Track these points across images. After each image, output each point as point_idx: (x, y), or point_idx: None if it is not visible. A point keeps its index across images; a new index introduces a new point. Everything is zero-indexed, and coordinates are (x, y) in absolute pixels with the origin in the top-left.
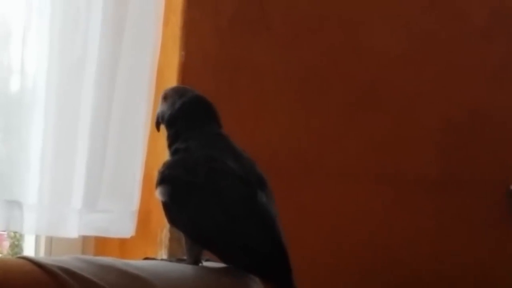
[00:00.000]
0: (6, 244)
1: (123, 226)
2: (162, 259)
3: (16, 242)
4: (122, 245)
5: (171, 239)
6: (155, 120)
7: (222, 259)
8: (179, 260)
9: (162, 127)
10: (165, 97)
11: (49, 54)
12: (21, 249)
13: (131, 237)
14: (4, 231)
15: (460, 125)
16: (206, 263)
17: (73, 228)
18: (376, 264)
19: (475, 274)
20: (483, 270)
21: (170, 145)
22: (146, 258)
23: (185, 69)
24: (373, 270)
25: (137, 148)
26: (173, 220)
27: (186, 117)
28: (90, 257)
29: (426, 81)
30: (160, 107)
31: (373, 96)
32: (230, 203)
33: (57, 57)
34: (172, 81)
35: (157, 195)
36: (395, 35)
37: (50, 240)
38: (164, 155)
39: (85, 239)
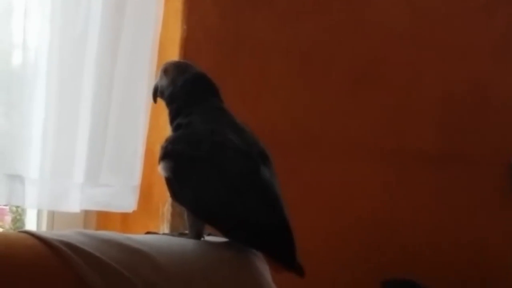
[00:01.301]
0: (8, 218)
1: (125, 201)
2: (164, 234)
3: (18, 217)
4: (124, 220)
5: (173, 214)
6: (152, 92)
7: (225, 234)
8: (181, 235)
9: (159, 99)
10: (166, 71)
11: (51, 28)
12: (23, 224)
13: (133, 212)
14: (6, 205)
15: (462, 100)
16: (208, 238)
17: (75, 202)
18: (377, 239)
19: (476, 249)
20: (483, 244)
21: (171, 121)
22: (148, 233)
23: (187, 43)
24: (374, 245)
25: (139, 123)
26: (176, 195)
27: (187, 94)
28: (92, 231)
29: (428, 56)
30: (160, 81)
31: (375, 71)
32: (232, 178)
33: (59, 32)
34: (173, 55)
35: (160, 170)
36: (397, 11)
37: (52, 215)
38: (166, 129)
39: (87, 213)
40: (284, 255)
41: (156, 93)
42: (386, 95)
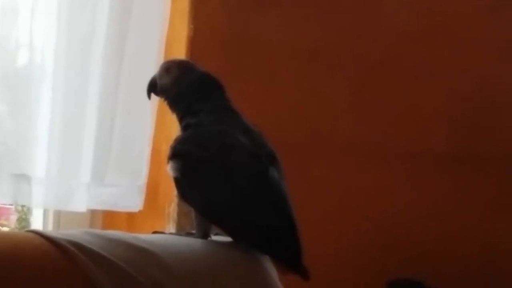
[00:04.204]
0: (14, 218)
1: (131, 200)
2: (170, 233)
3: (24, 216)
4: (129, 219)
5: (179, 213)
6: (147, 87)
7: (232, 236)
8: (188, 234)
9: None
10: (168, 70)
11: (57, 28)
12: (29, 223)
13: (139, 211)
14: (12, 204)
15: (471, 101)
16: (215, 237)
17: (81, 202)
18: (385, 240)
19: (488, 252)
20: (494, 247)
21: (180, 121)
22: (155, 232)
23: (193, 43)
24: (383, 246)
25: (145, 122)
26: (184, 195)
27: (195, 94)
28: (99, 231)
29: (436, 56)
30: (160, 79)
31: (383, 72)
32: (241, 179)
33: (66, 31)
34: (180, 55)
35: (168, 170)
36: (404, 11)
37: (58, 214)
38: (172, 129)
39: (93, 213)
40: (289, 258)
41: (151, 89)
42: (394, 96)
